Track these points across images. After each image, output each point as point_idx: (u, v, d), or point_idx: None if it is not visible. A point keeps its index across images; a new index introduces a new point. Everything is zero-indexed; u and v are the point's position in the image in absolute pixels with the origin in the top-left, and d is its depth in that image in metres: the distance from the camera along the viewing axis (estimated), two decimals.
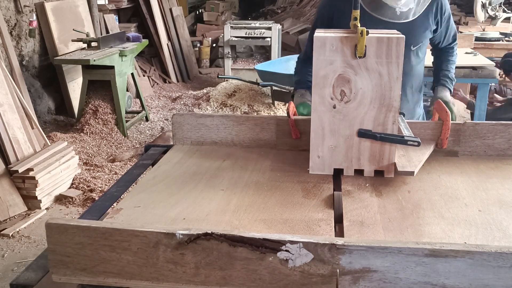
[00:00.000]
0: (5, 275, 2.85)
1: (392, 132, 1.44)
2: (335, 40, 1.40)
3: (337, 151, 1.48)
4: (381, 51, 1.39)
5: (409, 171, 1.42)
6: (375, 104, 1.43)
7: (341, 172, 1.50)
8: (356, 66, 1.40)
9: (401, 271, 0.91)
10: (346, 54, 1.40)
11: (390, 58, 1.39)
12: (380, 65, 1.40)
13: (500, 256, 0.88)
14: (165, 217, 1.25)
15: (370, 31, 1.38)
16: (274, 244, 0.92)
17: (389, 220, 1.23)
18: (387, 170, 1.48)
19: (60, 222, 0.97)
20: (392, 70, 1.40)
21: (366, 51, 1.38)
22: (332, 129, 1.47)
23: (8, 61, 4.51)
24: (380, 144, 1.45)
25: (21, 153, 3.76)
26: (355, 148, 1.47)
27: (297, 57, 2.27)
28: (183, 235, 0.94)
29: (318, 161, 1.50)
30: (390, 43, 1.38)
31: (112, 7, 6.97)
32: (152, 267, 0.97)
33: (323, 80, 1.43)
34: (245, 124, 1.73)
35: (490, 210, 1.28)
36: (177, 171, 1.55)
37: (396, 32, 1.48)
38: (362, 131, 1.45)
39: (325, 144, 1.48)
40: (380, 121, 1.44)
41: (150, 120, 5.78)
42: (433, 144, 1.61)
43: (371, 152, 1.47)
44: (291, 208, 1.30)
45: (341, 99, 1.44)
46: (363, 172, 1.49)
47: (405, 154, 1.52)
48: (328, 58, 1.41)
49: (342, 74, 1.42)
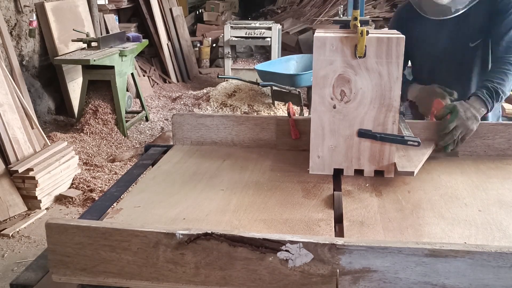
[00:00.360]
0: (5, 275, 2.85)
1: (392, 132, 1.44)
2: (335, 40, 1.40)
3: (337, 151, 1.48)
4: (381, 51, 1.39)
5: (409, 171, 1.42)
6: (375, 104, 1.43)
7: (341, 172, 1.50)
8: (356, 66, 1.40)
9: (401, 271, 0.91)
10: (346, 54, 1.40)
11: (390, 58, 1.39)
12: (380, 65, 1.40)
13: (500, 256, 0.88)
14: (165, 217, 1.25)
15: (370, 31, 1.38)
16: (274, 244, 0.93)
17: (389, 220, 1.23)
18: (387, 170, 1.48)
19: (60, 222, 0.97)
20: (392, 70, 1.40)
21: (366, 51, 1.38)
22: (332, 129, 1.47)
23: (8, 61, 4.51)
24: (380, 144, 1.45)
25: (21, 153, 3.76)
26: (355, 148, 1.47)
27: (296, 56, 2.28)
28: (183, 235, 0.94)
29: (318, 161, 1.50)
30: (390, 43, 1.38)
31: (112, 7, 6.97)
32: (152, 267, 0.97)
33: (323, 80, 1.43)
34: (245, 124, 1.73)
35: (490, 210, 1.28)
36: (177, 171, 1.55)
37: (396, 32, 1.48)
38: (362, 131, 1.45)
39: (325, 144, 1.48)
40: (380, 121, 1.44)
41: (150, 120, 5.78)
42: (433, 144, 1.61)
43: (371, 152, 1.47)
44: (291, 208, 1.30)
45: (341, 99, 1.44)
46: (363, 172, 1.49)
47: (405, 154, 1.52)
48: (328, 58, 1.41)
49: (342, 74, 1.42)
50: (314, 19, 9.49)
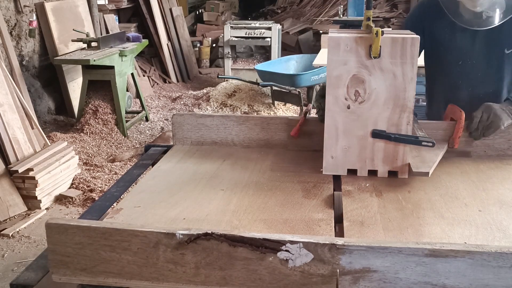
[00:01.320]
0: (5, 275, 2.85)
1: (406, 132, 1.44)
2: (350, 41, 1.38)
3: (351, 152, 1.47)
4: (396, 52, 1.37)
5: (424, 171, 1.40)
6: (389, 104, 1.42)
7: (355, 173, 1.49)
8: (371, 66, 1.39)
9: (401, 271, 0.91)
10: (360, 54, 1.39)
11: (405, 58, 1.38)
12: (394, 65, 1.38)
13: (500, 256, 0.88)
14: (165, 217, 1.25)
15: (384, 31, 1.37)
16: (274, 244, 0.92)
17: (389, 220, 1.23)
18: (401, 171, 1.47)
19: (60, 222, 0.97)
20: (406, 71, 1.38)
21: (381, 52, 1.37)
22: (346, 130, 1.46)
23: (8, 61, 4.51)
24: (394, 145, 1.44)
25: (21, 153, 3.76)
26: (368, 149, 1.46)
27: (296, 56, 2.27)
28: (183, 235, 0.94)
29: (332, 161, 1.49)
30: (404, 44, 1.37)
31: (112, 7, 6.97)
32: (152, 267, 0.97)
33: (337, 80, 1.42)
34: (245, 124, 1.73)
35: (490, 210, 1.28)
36: (177, 171, 1.55)
37: (410, 32, 1.47)
38: (376, 131, 1.44)
39: (338, 144, 1.47)
40: (394, 121, 1.43)
41: (150, 120, 5.78)
42: (446, 144, 1.60)
43: (385, 153, 1.46)
44: (291, 208, 1.30)
45: (355, 100, 1.43)
46: (376, 172, 1.48)
47: (418, 154, 1.51)
48: (342, 58, 1.40)
49: (356, 74, 1.41)
50: (314, 19, 9.49)
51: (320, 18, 9.42)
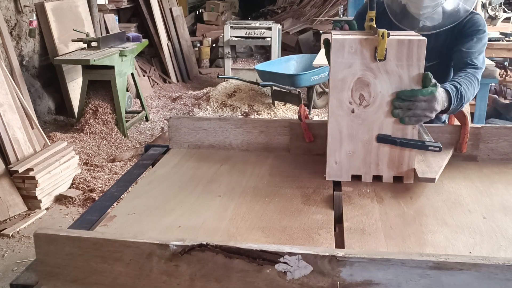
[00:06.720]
0: (5, 275, 2.83)
1: (412, 137, 1.39)
2: (354, 43, 1.34)
3: (355, 157, 1.43)
4: (402, 54, 1.33)
5: (430, 177, 1.36)
6: None
7: (360, 178, 1.45)
8: (376, 69, 1.35)
9: (404, 284, 0.88)
10: (365, 56, 1.34)
11: (411, 60, 1.33)
12: (400, 68, 1.34)
13: (508, 269, 0.84)
14: (160, 224, 1.21)
15: (390, 33, 1.33)
16: (272, 256, 0.89)
17: (391, 228, 1.19)
18: (407, 176, 1.43)
19: (49, 232, 0.93)
20: (412, 73, 1.34)
21: (386, 54, 1.33)
22: (350, 134, 1.41)
23: (8, 61, 4.49)
24: (400, 150, 1.40)
25: (21, 153, 3.74)
26: (373, 154, 1.42)
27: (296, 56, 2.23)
28: (177, 246, 0.90)
29: (336, 167, 1.44)
30: (411, 46, 1.32)
31: (112, 7, 6.94)
32: (146, 279, 0.94)
33: (341, 83, 1.37)
34: (243, 127, 1.69)
35: (495, 217, 1.24)
36: (173, 176, 1.52)
37: (417, 34, 1.42)
38: (381, 136, 1.40)
39: (342, 149, 1.43)
40: (399, 126, 1.38)
41: (150, 120, 5.75)
42: (452, 148, 1.56)
43: (390, 158, 1.42)
44: (289, 215, 1.26)
45: (360, 103, 1.38)
46: (381, 178, 1.44)
47: (424, 159, 1.47)
48: (346, 60, 1.35)
49: (361, 77, 1.36)
50: (314, 19, 9.46)
51: (320, 18, 9.38)
